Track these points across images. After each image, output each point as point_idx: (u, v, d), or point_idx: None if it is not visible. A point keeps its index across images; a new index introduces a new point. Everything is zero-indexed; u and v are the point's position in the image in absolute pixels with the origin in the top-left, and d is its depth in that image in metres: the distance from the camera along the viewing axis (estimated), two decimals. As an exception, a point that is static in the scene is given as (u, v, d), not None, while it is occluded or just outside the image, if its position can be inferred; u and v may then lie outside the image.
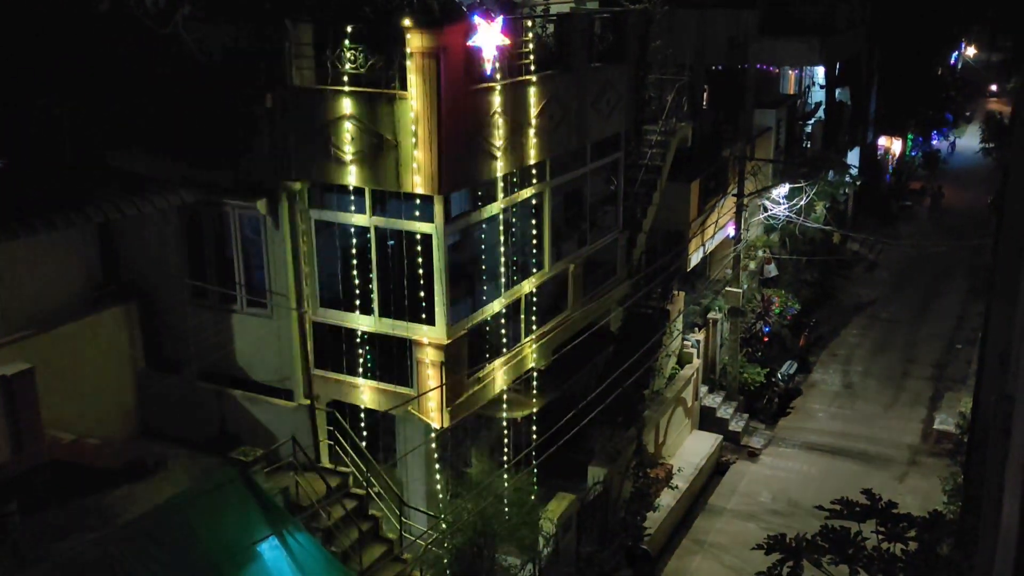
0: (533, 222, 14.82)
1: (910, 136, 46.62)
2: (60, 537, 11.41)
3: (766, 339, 25.11)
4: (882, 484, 19.17)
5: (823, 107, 34.09)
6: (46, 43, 13.83)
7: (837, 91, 35.62)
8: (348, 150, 12.65)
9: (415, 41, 11.79)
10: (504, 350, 14.32)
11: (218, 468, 12.83)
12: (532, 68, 13.85)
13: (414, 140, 12.14)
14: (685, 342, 22.06)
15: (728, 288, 23.56)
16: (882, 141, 42.52)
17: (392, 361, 13.34)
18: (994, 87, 68.45)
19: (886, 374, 26.59)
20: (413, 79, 11.94)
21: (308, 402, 13.70)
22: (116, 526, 11.38)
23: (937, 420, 23.45)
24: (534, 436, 15.23)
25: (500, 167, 13.47)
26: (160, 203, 12.66)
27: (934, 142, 51.49)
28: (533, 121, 14.02)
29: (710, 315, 23.73)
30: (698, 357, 22.29)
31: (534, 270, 14.98)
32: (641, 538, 17.49)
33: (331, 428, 13.82)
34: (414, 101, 12.01)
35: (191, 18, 12.96)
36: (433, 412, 13.10)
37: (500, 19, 12.37)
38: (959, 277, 33.95)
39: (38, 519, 11.74)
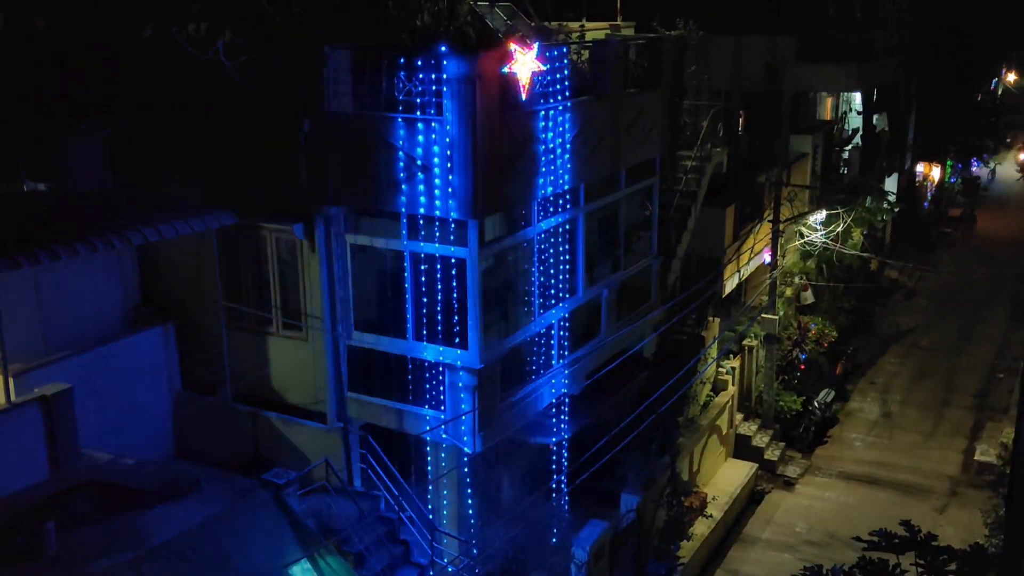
0: (567, 247, 14.81)
1: (949, 163, 46.10)
2: (96, 556, 11.49)
3: (802, 367, 24.82)
4: (921, 515, 18.87)
5: (860, 133, 33.84)
6: (90, 67, 14.11)
7: (875, 117, 35.36)
8: (384, 175, 12.74)
9: (451, 68, 11.89)
10: (537, 375, 14.28)
11: (252, 490, 12.86)
12: (567, 94, 13.90)
13: (449, 165, 12.21)
14: (720, 369, 21.87)
15: (764, 315, 23.35)
16: (920, 168, 42.07)
17: (425, 385, 13.36)
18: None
19: (925, 403, 26.16)
20: (449, 105, 12.03)
21: (342, 425, 13.74)
22: (150, 546, 11.44)
23: (978, 451, 23.02)
24: (566, 462, 15.15)
25: (535, 192, 13.50)
26: (199, 226, 12.81)
27: (974, 169, 50.87)
28: (568, 147, 14.05)
29: (745, 342, 23.52)
30: (733, 384, 22.07)
31: (567, 295, 14.95)
32: (675, 568, 17.29)
33: (364, 451, 13.84)
34: (449, 126, 12.09)
35: (231, 44, 13.17)
36: (465, 436, 13.09)
37: (536, 46, 12.45)
38: (1000, 305, 33.40)
39: (75, 537, 11.84)
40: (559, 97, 13.76)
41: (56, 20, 14.32)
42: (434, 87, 12.20)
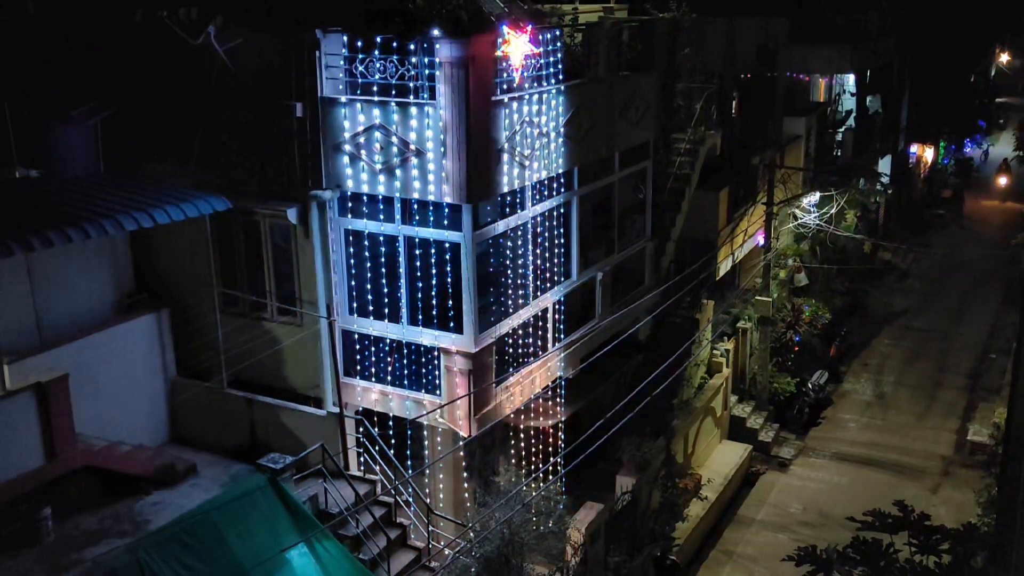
0: (561, 230, 14.81)
1: (942, 144, 46.13)
2: (92, 542, 11.53)
3: (796, 348, 24.91)
4: (915, 495, 18.99)
5: (854, 115, 33.83)
6: (82, 53, 14.04)
7: (868, 99, 35.34)
8: (377, 159, 12.72)
9: (444, 51, 11.84)
10: (532, 359, 14.30)
11: (247, 475, 12.90)
12: (561, 77, 13.87)
13: (443, 149, 12.18)
14: (714, 351, 21.93)
15: (758, 297, 23.40)
16: (914, 149, 42.09)
17: (420, 369, 13.37)
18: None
19: (918, 384, 26.28)
20: (442, 89, 12.00)
21: (337, 410, 13.76)
22: (147, 532, 11.48)
23: (971, 431, 23.15)
24: (562, 445, 15.20)
25: (528, 176, 13.49)
26: (192, 212, 12.77)
27: (967, 150, 50.92)
28: (561, 130, 14.02)
29: (740, 324, 23.58)
30: (728, 367, 22.14)
31: (562, 278, 14.96)
32: (670, 549, 17.39)
33: (360, 436, 13.87)
34: (443, 110, 12.06)
35: (223, 29, 13.10)
36: (461, 420, 13.12)
37: (528, 29, 12.40)
38: (992, 286, 33.52)
39: (71, 524, 11.87)
40: (552, 80, 13.72)
41: (46, 5, 14.24)
42: (427, 71, 12.16)
